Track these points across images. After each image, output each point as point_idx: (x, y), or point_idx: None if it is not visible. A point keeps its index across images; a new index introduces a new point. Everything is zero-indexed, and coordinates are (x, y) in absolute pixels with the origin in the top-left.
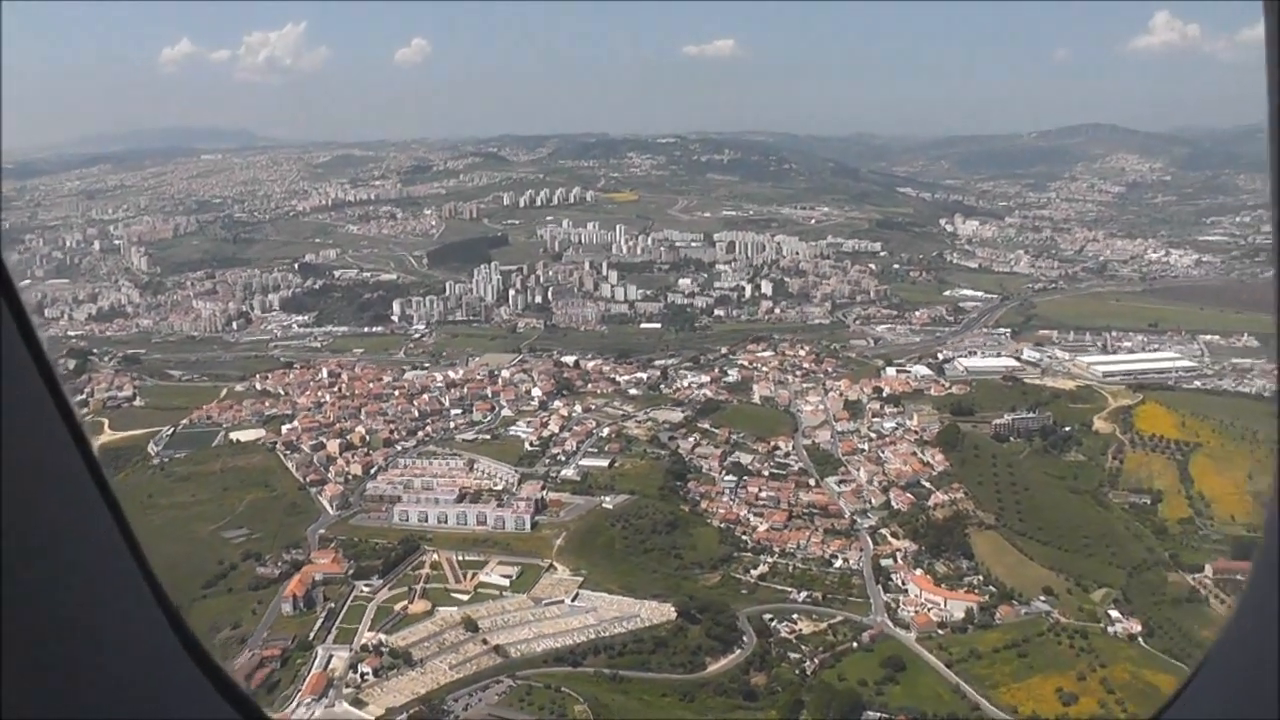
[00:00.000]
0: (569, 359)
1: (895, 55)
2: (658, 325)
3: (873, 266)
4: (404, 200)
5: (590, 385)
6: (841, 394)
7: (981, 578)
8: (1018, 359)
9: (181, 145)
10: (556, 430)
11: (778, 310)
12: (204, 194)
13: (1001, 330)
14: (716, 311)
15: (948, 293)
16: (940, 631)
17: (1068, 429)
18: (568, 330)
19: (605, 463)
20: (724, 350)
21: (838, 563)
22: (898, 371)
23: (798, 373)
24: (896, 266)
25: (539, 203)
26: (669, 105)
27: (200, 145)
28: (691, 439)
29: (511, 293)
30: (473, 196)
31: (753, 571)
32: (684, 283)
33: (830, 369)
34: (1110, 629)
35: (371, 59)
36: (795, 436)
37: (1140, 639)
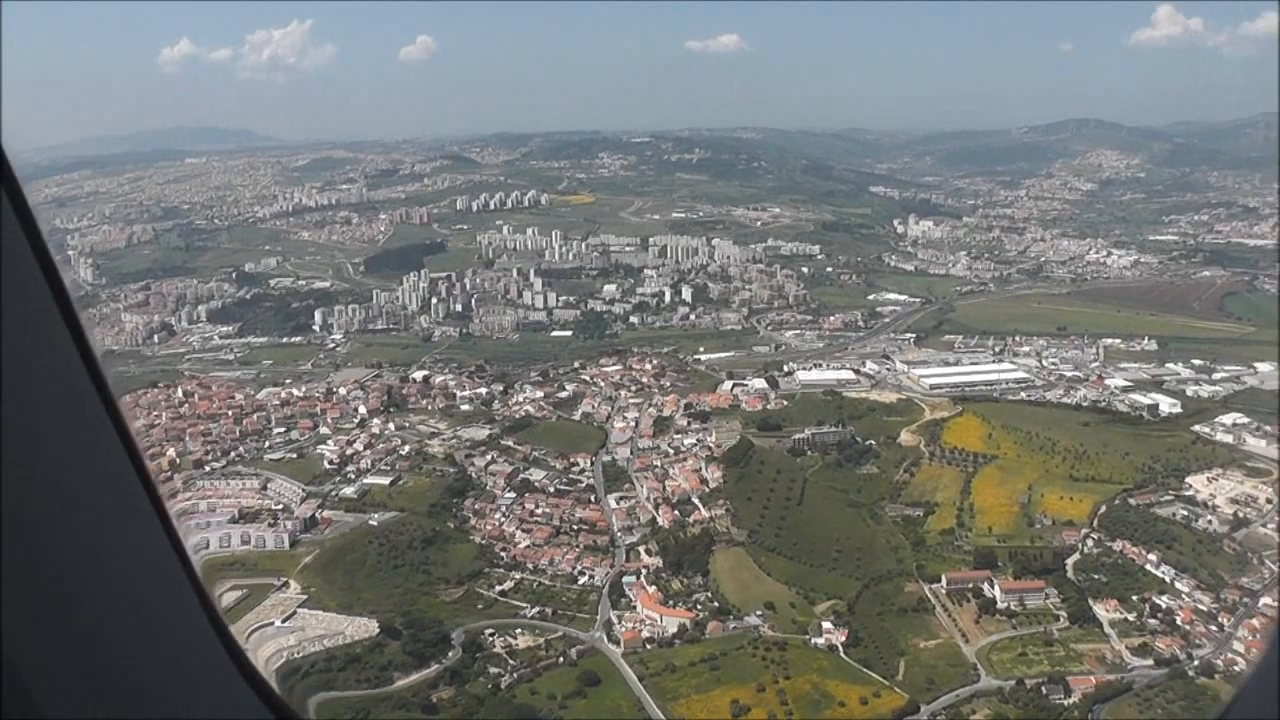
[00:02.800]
0: (422, 373)
1: (901, 51)
2: (569, 333)
3: (805, 270)
4: (363, 205)
5: (423, 401)
6: (659, 410)
7: (709, 594)
8: (856, 371)
9: (175, 148)
10: (361, 449)
11: (693, 316)
12: (175, 200)
13: (907, 336)
14: (632, 318)
15: (872, 296)
16: (648, 647)
17: (870, 443)
18: (481, 339)
19: (388, 480)
20: (576, 364)
21: (583, 579)
22: (734, 386)
23: (633, 388)
24: (830, 270)
25: (492, 207)
26: (668, 101)
27: (199, 147)
28: (489, 456)
29: (434, 301)
30: (431, 201)
31: (498, 587)
32: (609, 289)
33: (669, 384)
34: (815, 641)
35: (376, 57)
36: (599, 453)
37: (841, 650)
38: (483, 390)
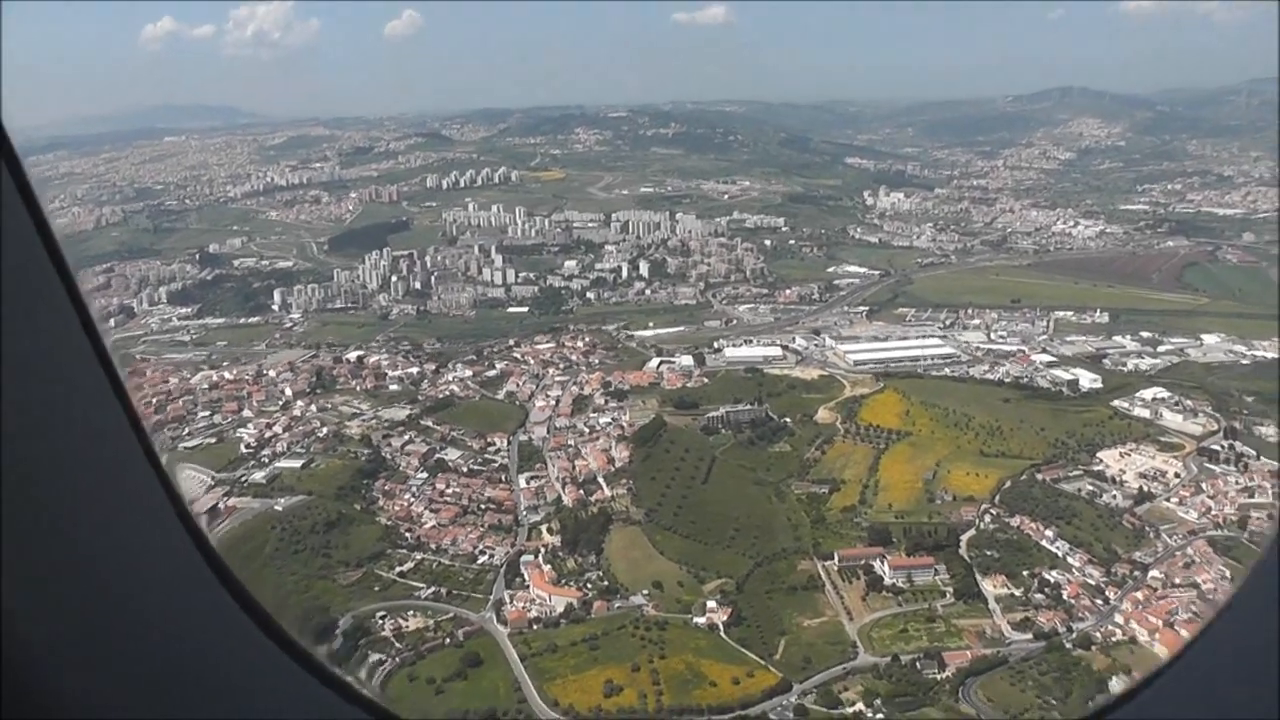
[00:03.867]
0: (356, 354)
1: (889, 20)
2: (525, 309)
3: (768, 243)
4: (334, 184)
5: (353, 382)
6: (581, 389)
7: (600, 574)
8: (785, 348)
9: (159, 126)
10: (280, 431)
11: (648, 291)
12: (148, 180)
13: (861, 309)
14: (589, 294)
15: (831, 269)
16: (534, 627)
17: (785, 420)
18: (438, 316)
19: (299, 464)
20: (511, 341)
21: (482, 559)
22: (661, 364)
23: (561, 366)
24: (792, 243)
25: (463, 184)
26: (654, 75)
27: (182, 125)
28: (407, 436)
29: (394, 279)
30: (403, 178)
31: (398, 569)
32: (569, 265)
33: (598, 361)
34: (696, 620)
35: (361, 32)
36: (516, 433)
37: (722, 630)
38: (414, 370)
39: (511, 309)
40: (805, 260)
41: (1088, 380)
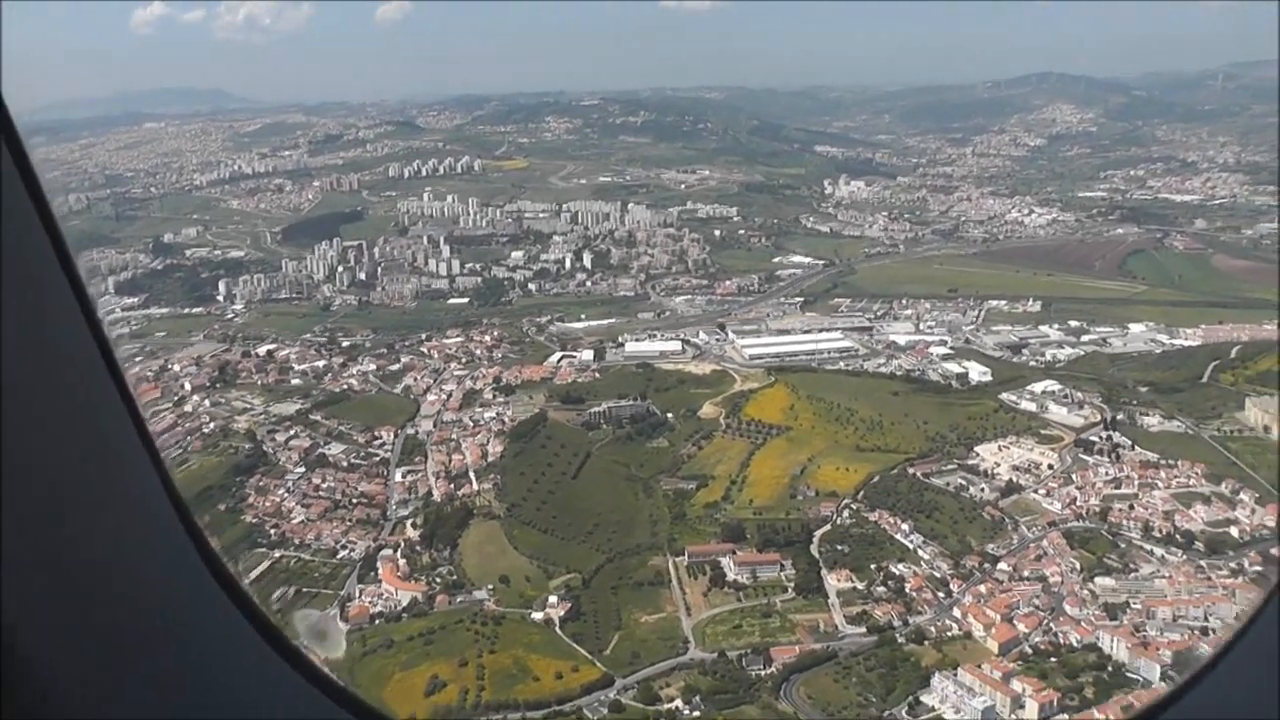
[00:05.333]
0: (266, 348)
1: (875, 4)
2: (466, 300)
3: (718, 233)
4: (299, 172)
5: (255, 376)
6: (474, 383)
7: (451, 568)
8: (685, 342)
9: (147, 110)
10: (167, 426)
11: (589, 283)
12: (120, 167)
13: (796, 300)
14: (531, 285)
15: (776, 259)
16: (376, 622)
17: (668, 415)
18: (379, 307)
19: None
20: (424, 335)
21: (343, 554)
22: (561, 358)
23: (464, 360)
24: (742, 233)
25: (425, 173)
26: (639, 61)
27: (171, 109)
28: (293, 431)
29: (341, 270)
30: (368, 167)
31: (255, 569)
32: (516, 255)
33: (500, 355)
34: (535, 615)
35: (351, 17)
36: (404, 427)
37: (558, 624)
38: (321, 363)
39: (452, 300)
40: (752, 250)
41: (978, 373)
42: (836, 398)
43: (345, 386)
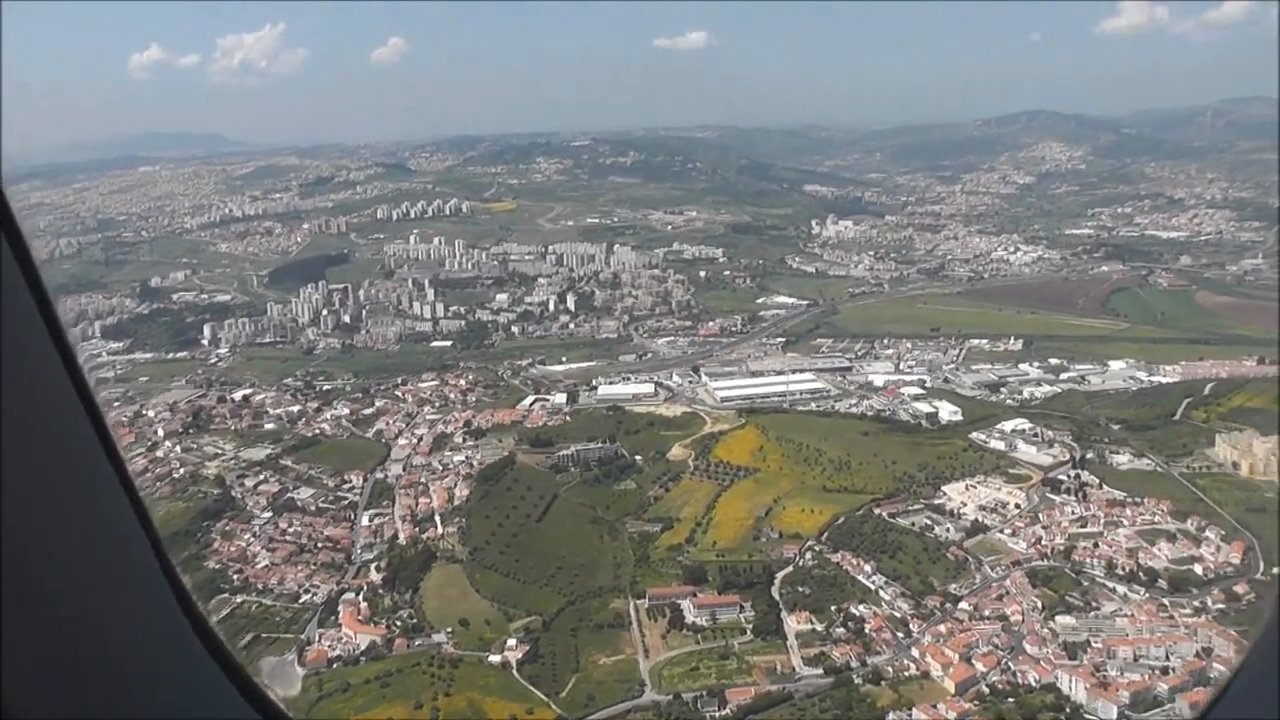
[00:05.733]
0: (243, 392)
1: (870, 44)
2: (449, 343)
3: (703, 274)
4: (289, 214)
5: (229, 421)
6: (447, 427)
7: (411, 611)
8: (658, 384)
9: (143, 154)
10: (138, 472)
11: (572, 325)
12: (113, 211)
13: (779, 340)
14: (514, 328)
15: (760, 300)
16: (334, 666)
17: (637, 458)
18: (362, 350)
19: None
20: (400, 379)
21: (304, 598)
22: (534, 401)
23: (437, 403)
24: (727, 273)
25: (413, 215)
26: (633, 100)
27: (167, 153)
28: (263, 476)
29: (325, 313)
30: (358, 209)
31: (219, 613)
32: (500, 298)
33: (474, 399)
34: (493, 657)
35: (348, 59)
36: (374, 471)
37: (515, 667)
38: (296, 408)
39: (435, 343)
40: (737, 291)
41: (948, 412)
42: (806, 439)
43: (318, 431)
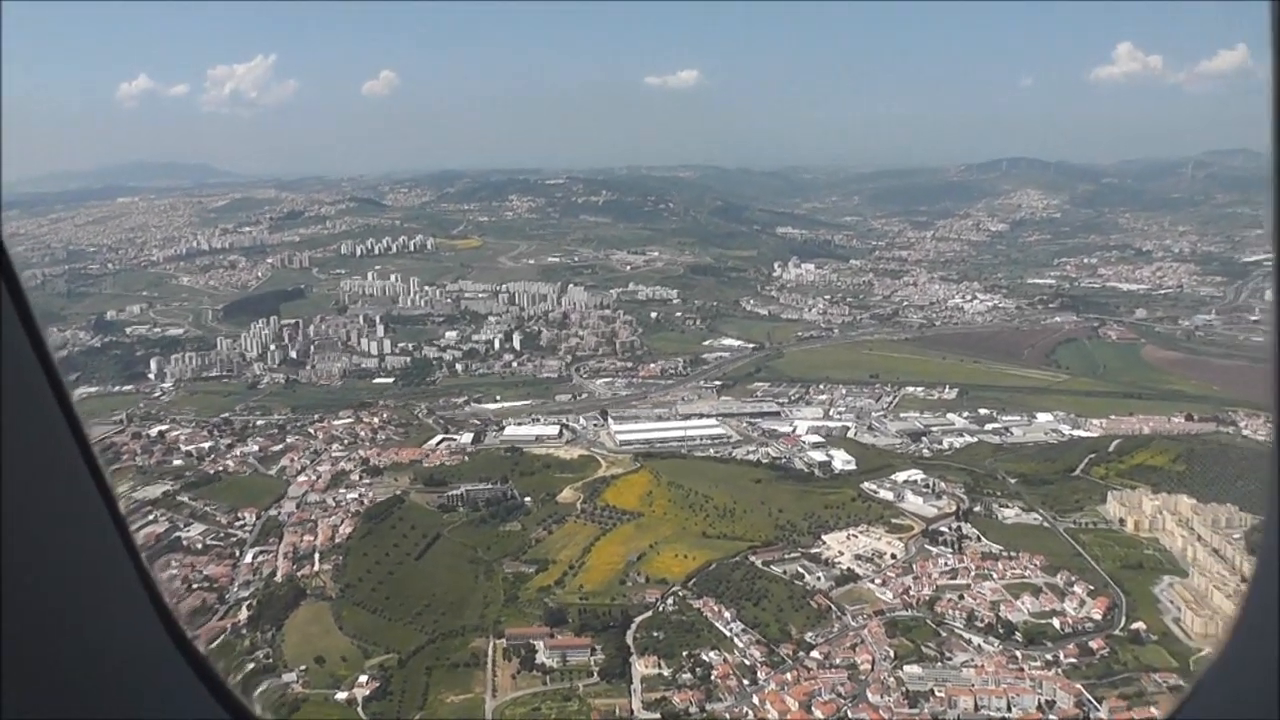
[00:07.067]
0: (159, 429)
1: (861, 88)
2: (390, 380)
3: (655, 315)
4: (256, 249)
5: (138, 458)
6: (351, 463)
7: (269, 650)
8: (564, 426)
9: (130, 184)
10: None
11: (515, 364)
12: (84, 242)
13: (715, 384)
14: (458, 365)
15: (707, 342)
16: None
17: (526, 499)
18: (306, 385)
19: None
20: (317, 417)
21: None
22: (441, 441)
23: (346, 441)
24: (679, 315)
25: (377, 251)
26: (619, 137)
27: (154, 183)
28: (153, 514)
29: (273, 348)
30: (325, 244)
31: None
32: (450, 335)
33: (384, 438)
34: (339, 694)
35: (339, 92)
36: (269, 508)
37: (360, 704)
38: (208, 444)
39: (378, 380)
40: (685, 333)
41: (841, 461)
42: (696, 484)
43: (221, 468)
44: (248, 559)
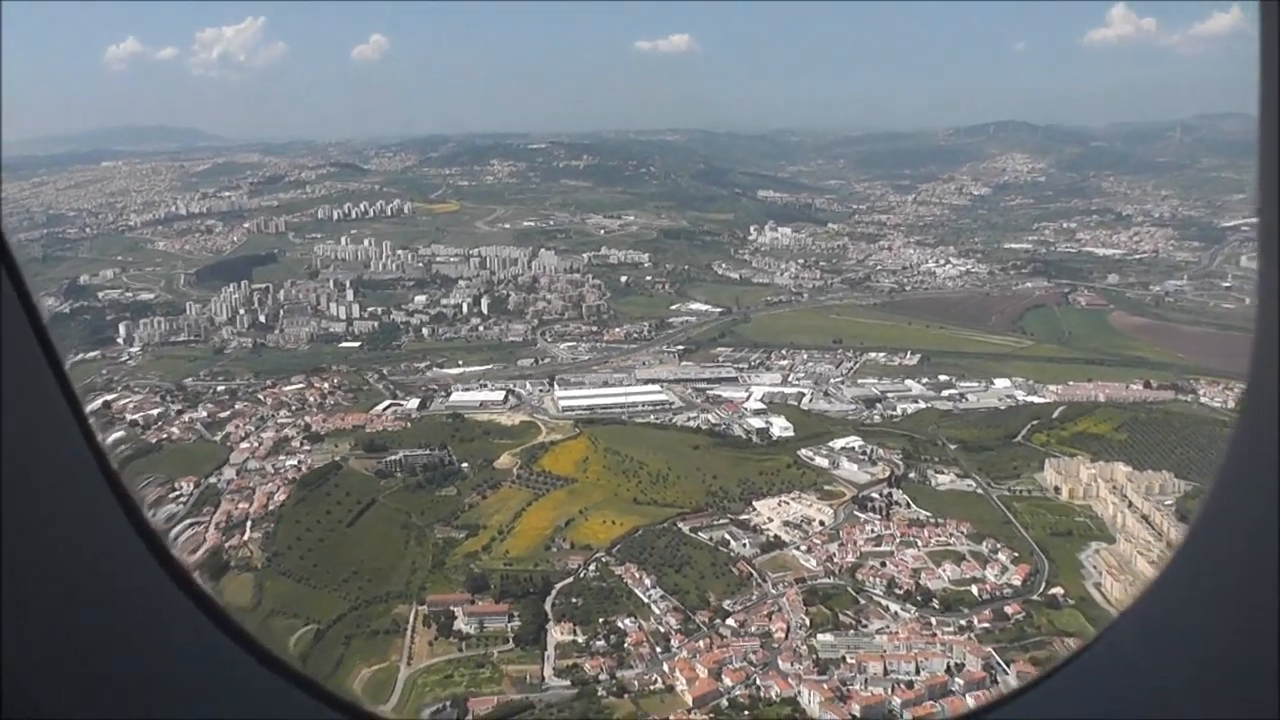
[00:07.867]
0: (105, 398)
1: (853, 51)
2: (357, 344)
3: (625, 279)
4: (233, 213)
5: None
6: (291, 431)
7: None
8: (509, 392)
9: (116, 148)
10: None
11: (482, 328)
12: (65, 207)
13: (678, 348)
14: (424, 330)
15: (675, 306)
16: None
17: (464, 465)
18: (272, 350)
19: None
20: (269, 383)
21: None
22: (388, 406)
23: (294, 406)
24: (649, 279)
25: (354, 216)
26: (610, 101)
27: (141, 146)
28: None
29: (242, 313)
30: (302, 209)
31: None
32: (419, 299)
33: (332, 403)
34: None
35: (328, 55)
36: (208, 476)
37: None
38: (156, 411)
39: (344, 344)
40: (654, 297)
41: (779, 428)
42: (634, 451)
43: (165, 435)
44: (180, 528)
